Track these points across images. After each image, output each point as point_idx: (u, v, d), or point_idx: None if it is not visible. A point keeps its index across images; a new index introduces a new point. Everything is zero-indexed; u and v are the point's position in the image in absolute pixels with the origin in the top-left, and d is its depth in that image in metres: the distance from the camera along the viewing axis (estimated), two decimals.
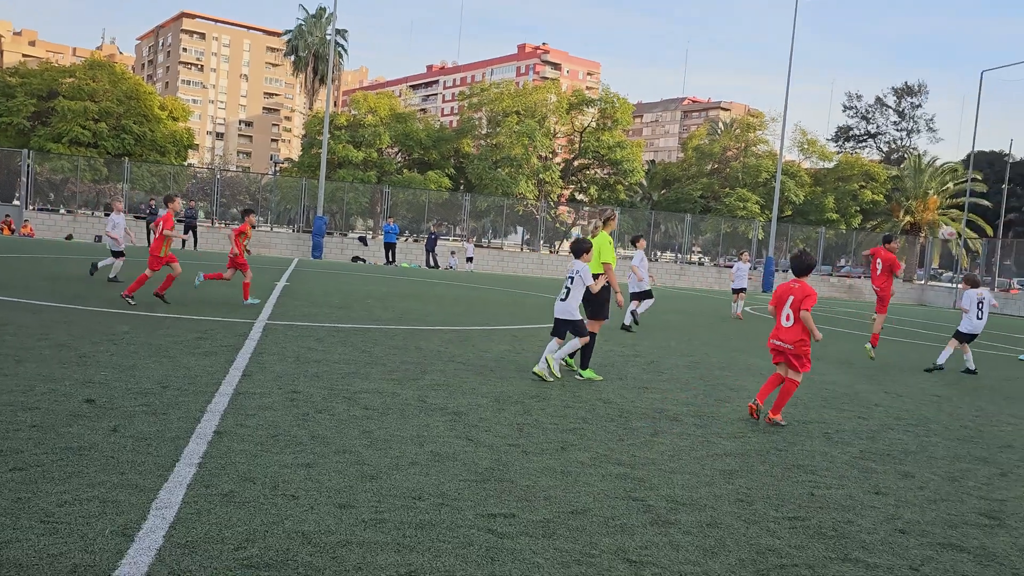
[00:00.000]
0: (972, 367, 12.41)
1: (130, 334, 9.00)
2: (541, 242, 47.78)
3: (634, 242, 16.04)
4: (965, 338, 12.53)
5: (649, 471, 5.27)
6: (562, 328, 8.56)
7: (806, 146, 58.45)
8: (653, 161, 76.80)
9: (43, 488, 3.96)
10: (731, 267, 45.00)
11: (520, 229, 53.43)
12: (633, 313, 14.94)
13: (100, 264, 15.73)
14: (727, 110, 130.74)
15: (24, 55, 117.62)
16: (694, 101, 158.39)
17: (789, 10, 59.40)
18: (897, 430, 7.44)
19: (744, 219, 51.41)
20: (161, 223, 12.48)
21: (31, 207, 37.38)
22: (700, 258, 54.91)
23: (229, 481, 4.31)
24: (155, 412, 5.63)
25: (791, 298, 7.12)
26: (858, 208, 56.33)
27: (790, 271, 7.51)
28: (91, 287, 13.92)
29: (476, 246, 41.94)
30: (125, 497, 3.93)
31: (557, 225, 54.26)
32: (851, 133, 76.45)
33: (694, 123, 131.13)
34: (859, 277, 50.31)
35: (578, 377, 8.76)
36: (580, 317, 8.62)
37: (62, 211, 40.86)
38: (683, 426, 6.79)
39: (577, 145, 56.38)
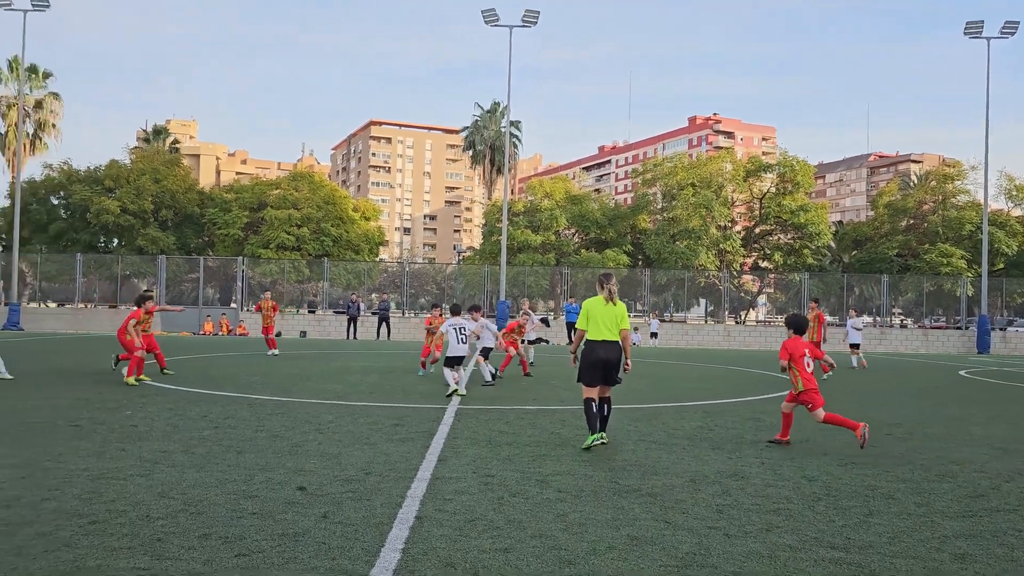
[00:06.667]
0: None
1: (334, 423, 9.54)
2: (726, 313, 46.46)
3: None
4: None
5: (867, 555, 4.85)
6: None
7: (1014, 193, 53.73)
8: (840, 222, 73.37)
9: (264, 573, 4.21)
10: (940, 327, 41.55)
11: (703, 301, 52.31)
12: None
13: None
14: (918, 162, 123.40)
15: (237, 172, 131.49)
16: (881, 156, 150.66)
17: (978, 53, 55.75)
18: None
19: (949, 276, 47.63)
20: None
21: (245, 308, 41.05)
22: (903, 320, 51.24)
23: (432, 567, 4.39)
24: (360, 498, 5.88)
25: None
26: None
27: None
28: (299, 381, 14.95)
29: (659, 320, 41.40)
30: None
31: (742, 295, 52.66)
32: None
33: (882, 179, 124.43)
34: None
35: None
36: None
37: None
38: (901, 505, 6.23)
39: (757, 212, 54.98)
